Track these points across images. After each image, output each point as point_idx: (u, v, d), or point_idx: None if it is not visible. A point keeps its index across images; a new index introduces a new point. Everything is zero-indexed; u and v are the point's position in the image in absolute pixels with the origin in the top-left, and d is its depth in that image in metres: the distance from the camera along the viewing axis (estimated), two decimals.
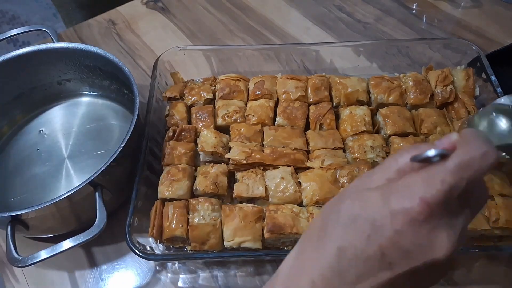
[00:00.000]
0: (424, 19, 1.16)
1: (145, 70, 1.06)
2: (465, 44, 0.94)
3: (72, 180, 0.85)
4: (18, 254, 0.65)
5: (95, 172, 0.68)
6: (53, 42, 0.91)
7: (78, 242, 0.65)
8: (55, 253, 0.64)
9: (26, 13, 2.84)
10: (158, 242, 0.73)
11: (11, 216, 0.65)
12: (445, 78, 0.89)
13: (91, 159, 0.87)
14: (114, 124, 0.93)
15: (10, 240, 0.66)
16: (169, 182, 0.76)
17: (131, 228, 0.68)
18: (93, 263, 0.77)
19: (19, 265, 0.64)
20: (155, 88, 0.87)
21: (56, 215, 0.70)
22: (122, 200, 0.80)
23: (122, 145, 0.71)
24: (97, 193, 0.69)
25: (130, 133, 0.73)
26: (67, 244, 0.65)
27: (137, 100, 0.77)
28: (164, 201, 0.75)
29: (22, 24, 2.80)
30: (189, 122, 0.88)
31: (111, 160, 0.69)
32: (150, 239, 0.72)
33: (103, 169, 0.68)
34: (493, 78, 0.87)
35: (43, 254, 0.64)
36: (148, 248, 0.71)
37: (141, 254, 0.67)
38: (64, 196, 0.65)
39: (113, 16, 1.19)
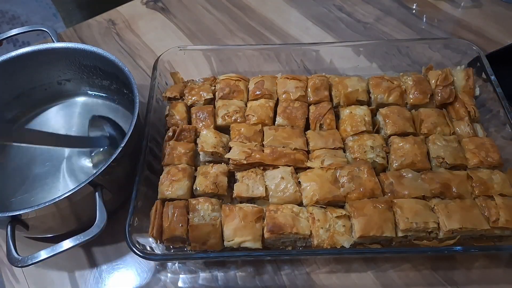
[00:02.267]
0: (424, 19, 1.16)
1: (145, 70, 1.06)
2: (465, 44, 0.94)
3: (71, 179, 0.85)
4: (18, 254, 0.65)
5: (95, 172, 0.68)
6: (53, 42, 0.91)
7: (78, 242, 0.65)
8: (55, 253, 0.64)
9: (26, 13, 2.84)
10: (158, 242, 0.73)
11: (11, 216, 0.65)
12: (445, 78, 0.89)
13: (90, 159, 0.87)
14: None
15: (10, 240, 0.66)
16: (169, 182, 0.76)
17: (131, 228, 0.68)
18: (93, 263, 0.77)
19: (19, 265, 0.64)
20: (155, 88, 0.87)
21: (56, 215, 0.70)
22: (122, 200, 0.80)
23: (122, 145, 0.71)
24: (97, 193, 0.69)
25: (130, 133, 0.72)
26: (67, 244, 0.65)
27: (137, 100, 0.77)
28: (164, 201, 0.75)
29: (22, 24, 2.80)
30: (189, 122, 0.88)
31: (111, 160, 0.69)
32: (150, 239, 0.72)
33: (103, 169, 0.68)
34: (493, 78, 0.87)
35: (43, 254, 0.64)
36: (148, 248, 0.71)
37: (141, 254, 0.67)
38: (64, 196, 0.65)
39: (113, 16, 1.19)
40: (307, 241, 0.72)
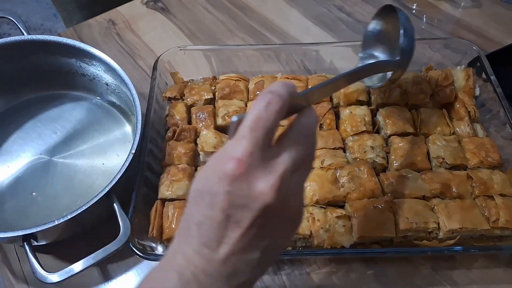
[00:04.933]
0: (424, 19, 1.16)
1: (145, 70, 1.06)
2: (465, 44, 0.94)
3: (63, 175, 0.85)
4: (46, 271, 0.62)
5: (110, 182, 0.67)
6: (21, 31, 0.87)
7: (108, 252, 0.63)
8: (86, 266, 0.63)
9: (26, 13, 2.83)
10: (158, 242, 0.73)
11: (23, 235, 0.63)
12: (445, 78, 0.89)
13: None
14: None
15: (32, 258, 0.63)
16: (169, 182, 0.76)
17: (131, 228, 0.68)
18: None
19: (53, 282, 0.61)
20: (155, 88, 0.87)
21: (68, 225, 0.69)
22: (122, 200, 0.80)
23: (133, 151, 0.71)
24: (115, 204, 0.68)
25: (137, 141, 0.73)
26: (97, 255, 0.63)
27: (139, 116, 0.76)
28: (164, 201, 0.75)
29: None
30: (189, 122, 0.88)
31: (124, 170, 0.69)
32: (150, 239, 0.71)
33: (118, 178, 0.68)
34: (493, 78, 0.87)
35: (76, 268, 0.62)
36: (148, 248, 0.71)
37: (141, 254, 0.67)
38: (80, 211, 0.65)
39: (113, 16, 1.19)
40: (307, 241, 0.72)
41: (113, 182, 0.68)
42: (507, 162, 0.80)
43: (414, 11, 1.18)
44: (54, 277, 0.62)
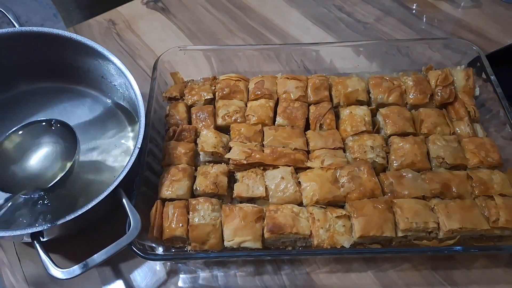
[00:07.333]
0: (424, 19, 1.16)
1: (145, 70, 1.06)
2: (465, 44, 0.94)
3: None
4: (58, 267, 0.62)
5: (117, 177, 0.67)
6: (13, 25, 0.88)
7: (120, 246, 0.63)
8: (99, 261, 0.62)
9: (26, 13, 2.83)
10: (159, 242, 0.73)
11: (31, 233, 0.63)
12: (445, 78, 0.89)
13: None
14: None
15: (44, 255, 0.62)
16: (169, 182, 0.76)
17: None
18: None
19: (68, 277, 0.61)
20: (155, 88, 0.87)
21: (77, 222, 0.69)
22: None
23: (139, 146, 0.71)
24: (124, 199, 0.68)
25: (141, 138, 0.73)
26: (109, 251, 0.63)
27: (141, 104, 0.76)
28: (164, 201, 0.75)
29: (22, 24, 2.79)
30: (189, 122, 0.88)
31: (131, 164, 0.69)
32: (150, 240, 0.71)
33: (126, 172, 0.68)
34: (493, 78, 0.87)
35: (91, 262, 0.62)
36: (148, 248, 0.71)
37: (141, 254, 0.67)
38: (88, 208, 0.65)
39: (113, 16, 1.19)
40: (307, 241, 0.72)
41: (121, 177, 0.67)
42: (507, 162, 0.80)
43: (414, 11, 1.18)
44: (68, 272, 0.61)
